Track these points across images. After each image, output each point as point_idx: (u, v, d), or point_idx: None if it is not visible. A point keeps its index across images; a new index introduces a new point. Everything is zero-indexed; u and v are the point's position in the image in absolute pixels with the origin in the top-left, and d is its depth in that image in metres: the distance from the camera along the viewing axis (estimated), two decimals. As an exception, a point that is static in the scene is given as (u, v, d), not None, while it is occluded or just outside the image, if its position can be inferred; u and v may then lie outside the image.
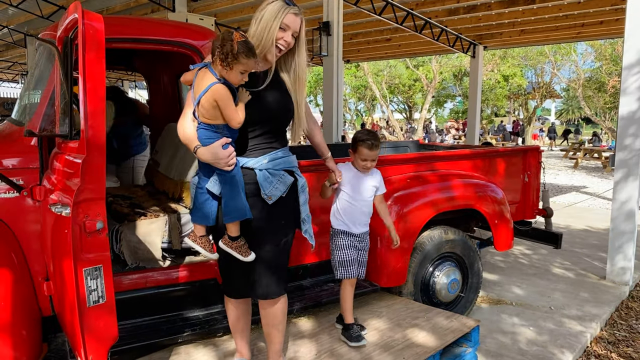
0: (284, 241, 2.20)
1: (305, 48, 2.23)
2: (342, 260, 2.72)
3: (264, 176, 2.10)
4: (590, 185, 11.32)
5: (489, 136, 26.20)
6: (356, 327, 2.73)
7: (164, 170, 3.59)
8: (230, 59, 1.91)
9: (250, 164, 2.10)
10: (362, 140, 2.70)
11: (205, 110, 1.98)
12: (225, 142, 2.00)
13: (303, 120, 2.29)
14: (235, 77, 1.96)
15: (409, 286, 3.24)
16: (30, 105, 2.62)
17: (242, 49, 1.91)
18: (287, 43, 2.11)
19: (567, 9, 8.13)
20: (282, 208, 2.16)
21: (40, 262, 2.35)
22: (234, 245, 2.10)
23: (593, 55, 21.16)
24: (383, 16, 8.42)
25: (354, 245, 2.74)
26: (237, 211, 2.05)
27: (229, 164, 2.00)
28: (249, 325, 2.44)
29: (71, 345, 2.13)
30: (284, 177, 2.14)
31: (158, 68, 4.24)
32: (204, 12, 8.83)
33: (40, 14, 9.28)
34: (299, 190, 2.24)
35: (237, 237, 2.11)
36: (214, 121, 1.99)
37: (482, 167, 3.86)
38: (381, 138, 21.12)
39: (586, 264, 5.06)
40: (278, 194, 2.12)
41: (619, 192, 4.41)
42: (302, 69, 2.23)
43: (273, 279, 2.18)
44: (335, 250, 2.75)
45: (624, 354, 3.30)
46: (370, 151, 2.68)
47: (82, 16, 1.83)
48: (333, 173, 2.59)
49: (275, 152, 2.15)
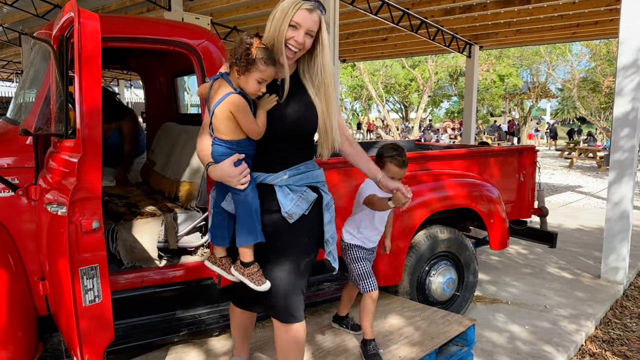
0: (306, 261, 2.00)
1: (329, 49, 1.97)
2: (361, 273, 2.56)
3: (284, 193, 1.93)
4: (585, 185, 11.37)
5: (485, 136, 26.28)
6: (375, 344, 2.54)
7: (160, 170, 3.59)
8: (245, 63, 1.75)
9: (269, 180, 1.93)
10: (391, 156, 2.42)
11: (219, 123, 1.83)
12: (238, 159, 1.84)
13: (331, 133, 1.99)
14: (252, 86, 1.80)
15: (405, 285, 3.25)
16: (26, 104, 2.61)
17: (261, 55, 1.75)
18: (299, 43, 1.86)
19: (562, 9, 8.16)
20: (305, 226, 1.97)
21: (35, 262, 2.34)
22: (247, 272, 1.93)
23: (588, 56, 21.27)
24: (379, 16, 8.42)
25: (367, 257, 2.62)
26: (249, 234, 1.89)
27: (241, 182, 1.84)
28: (252, 329, 2.40)
29: (67, 345, 2.13)
30: (306, 193, 1.96)
31: (154, 67, 4.23)
32: (200, 11, 8.80)
33: (35, 13, 9.24)
34: (323, 207, 2.03)
35: (251, 262, 1.94)
36: (228, 136, 1.84)
37: (478, 167, 3.88)
38: (377, 137, 21.18)
39: (581, 263, 5.08)
40: (299, 212, 1.93)
41: (613, 192, 4.43)
42: (326, 73, 1.96)
43: (291, 302, 1.96)
44: (352, 263, 2.59)
45: (618, 352, 3.32)
46: (400, 170, 2.43)
47: (78, 15, 1.83)
48: (397, 192, 2.16)
49: (297, 167, 1.96)
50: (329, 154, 2.04)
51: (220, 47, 2.73)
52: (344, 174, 3.14)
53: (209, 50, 2.67)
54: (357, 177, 3.29)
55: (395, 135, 24.97)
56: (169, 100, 4.24)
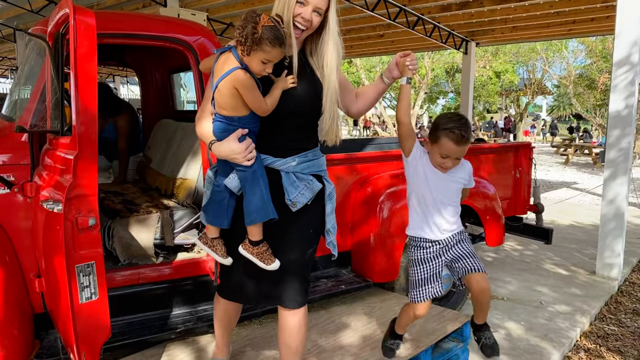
0: (308, 248, 1.98)
1: (336, 29, 1.88)
2: (412, 280, 2.25)
3: (290, 180, 1.88)
4: (581, 181, 11.41)
5: (481, 132, 26.32)
6: (397, 341, 2.42)
7: (156, 167, 3.58)
8: (250, 43, 1.65)
9: (276, 164, 1.88)
10: (447, 129, 2.01)
11: (222, 99, 1.75)
12: (242, 134, 1.78)
13: (336, 119, 1.95)
14: (256, 66, 1.71)
15: (402, 282, 3.26)
16: (21, 101, 2.60)
17: (267, 34, 1.65)
18: (306, 20, 1.79)
19: (559, 6, 8.18)
20: (308, 215, 1.94)
21: (31, 259, 2.33)
22: (256, 252, 1.87)
23: (584, 52, 21.31)
24: (376, 12, 8.41)
25: (432, 256, 2.21)
26: (260, 211, 1.81)
27: (247, 158, 1.77)
28: (235, 323, 2.33)
29: (63, 342, 2.13)
30: (311, 183, 1.92)
31: (150, 64, 4.22)
32: (196, 7, 8.76)
33: (30, 9, 9.17)
34: (325, 197, 2.00)
35: (260, 241, 1.88)
36: (231, 112, 1.77)
37: (474, 164, 3.87)
38: (374, 134, 21.10)
39: (576, 259, 5.11)
40: (303, 201, 1.90)
41: (608, 189, 4.45)
42: (330, 54, 1.89)
43: (296, 287, 1.95)
44: (409, 267, 2.29)
45: (613, 348, 3.34)
46: (457, 146, 2.01)
47: (74, 11, 1.82)
48: (402, 65, 2.02)
49: (305, 154, 1.92)
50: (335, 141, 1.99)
51: (216, 44, 2.72)
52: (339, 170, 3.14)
53: (205, 46, 2.66)
54: (353, 175, 3.30)
55: (392, 132, 24.99)
56: (165, 97, 4.23)
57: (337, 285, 3.09)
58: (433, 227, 2.20)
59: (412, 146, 2.15)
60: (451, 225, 2.20)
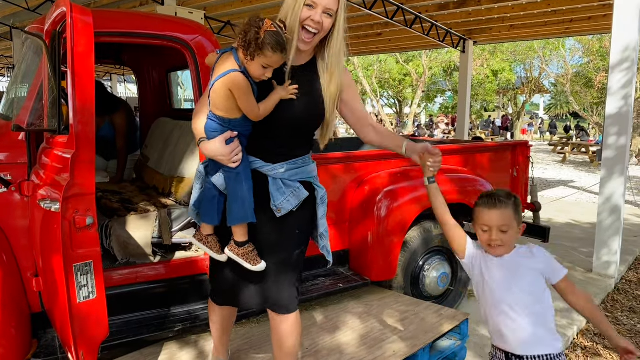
0: (297, 252, 1.97)
1: (342, 32, 1.82)
2: None
3: (277, 186, 1.86)
4: (578, 180, 11.44)
5: (479, 131, 26.36)
6: None
7: (153, 166, 3.58)
8: (253, 48, 1.65)
9: (265, 169, 1.87)
10: (478, 203, 1.82)
11: (216, 98, 1.75)
12: (230, 137, 1.78)
13: (332, 125, 1.93)
14: (256, 70, 1.71)
15: (399, 280, 3.27)
16: (18, 100, 2.60)
17: (269, 40, 1.65)
18: (317, 23, 1.73)
19: (556, 5, 8.19)
20: (295, 217, 1.91)
21: (29, 258, 2.33)
22: (241, 252, 1.87)
23: (581, 51, 21.35)
24: (373, 11, 8.41)
25: None
26: (239, 213, 1.83)
27: (232, 160, 1.78)
28: (232, 325, 2.33)
29: (61, 341, 2.13)
30: (298, 190, 1.89)
31: (147, 62, 4.21)
32: (193, 6, 8.74)
33: (26, 7, 9.14)
34: (317, 202, 1.97)
35: (245, 242, 1.88)
36: (223, 114, 1.77)
37: (471, 162, 3.89)
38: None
39: (573, 257, 5.12)
40: (288, 208, 1.87)
41: (605, 187, 4.46)
42: (334, 59, 1.84)
43: (284, 293, 1.94)
44: None
45: (610, 345, 3.35)
46: (490, 211, 1.75)
47: (71, 9, 1.81)
48: (423, 161, 1.92)
49: (295, 161, 1.89)
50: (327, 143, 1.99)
51: (214, 42, 2.72)
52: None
53: (203, 45, 2.66)
54: (347, 173, 3.30)
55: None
56: (162, 96, 4.23)
57: (335, 284, 3.09)
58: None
59: (463, 245, 1.90)
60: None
